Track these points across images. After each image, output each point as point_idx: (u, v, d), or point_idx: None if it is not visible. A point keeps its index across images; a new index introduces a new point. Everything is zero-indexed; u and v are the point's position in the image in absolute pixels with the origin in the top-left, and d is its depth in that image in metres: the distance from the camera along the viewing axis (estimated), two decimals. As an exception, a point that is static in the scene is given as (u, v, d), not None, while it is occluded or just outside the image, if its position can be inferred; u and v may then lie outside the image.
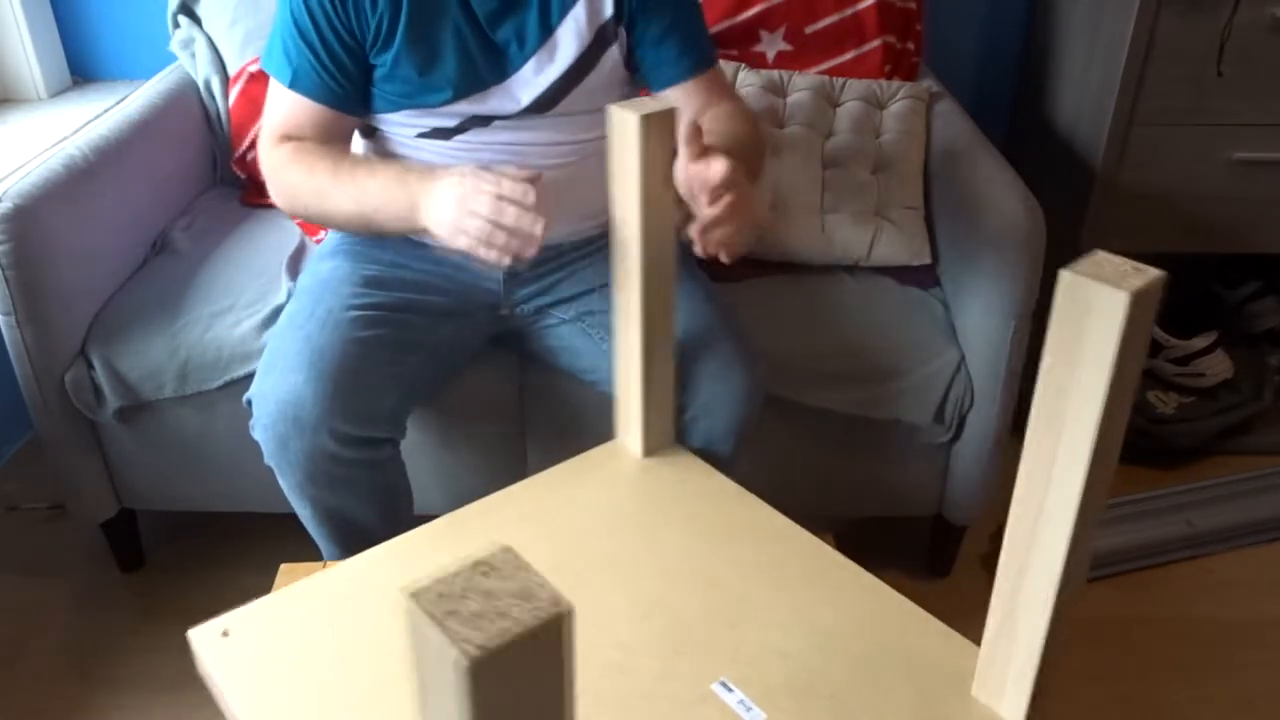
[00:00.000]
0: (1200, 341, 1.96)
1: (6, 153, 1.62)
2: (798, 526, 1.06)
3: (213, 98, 1.85)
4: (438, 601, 0.46)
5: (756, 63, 1.82)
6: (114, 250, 1.58)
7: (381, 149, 1.34)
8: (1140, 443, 1.90)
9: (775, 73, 1.78)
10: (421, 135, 1.29)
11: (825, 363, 1.47)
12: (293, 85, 1.23)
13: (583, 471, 1.16)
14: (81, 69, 2.05)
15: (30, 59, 1.92)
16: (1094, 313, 0.66)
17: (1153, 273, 0.66)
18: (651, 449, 1.18)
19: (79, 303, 1.49)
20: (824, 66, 1.82)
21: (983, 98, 2.14)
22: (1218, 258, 2.10)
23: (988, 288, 1.43)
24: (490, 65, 1.25)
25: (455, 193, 1.08)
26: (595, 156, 1.33)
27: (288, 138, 1.25)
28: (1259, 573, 1.72)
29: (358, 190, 1.19)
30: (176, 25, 1.87)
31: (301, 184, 1.23)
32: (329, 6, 1.20)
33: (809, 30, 1.81)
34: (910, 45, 1.86)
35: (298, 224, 1.73)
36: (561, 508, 1.10)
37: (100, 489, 1.58)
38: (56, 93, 1.97)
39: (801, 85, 1.77)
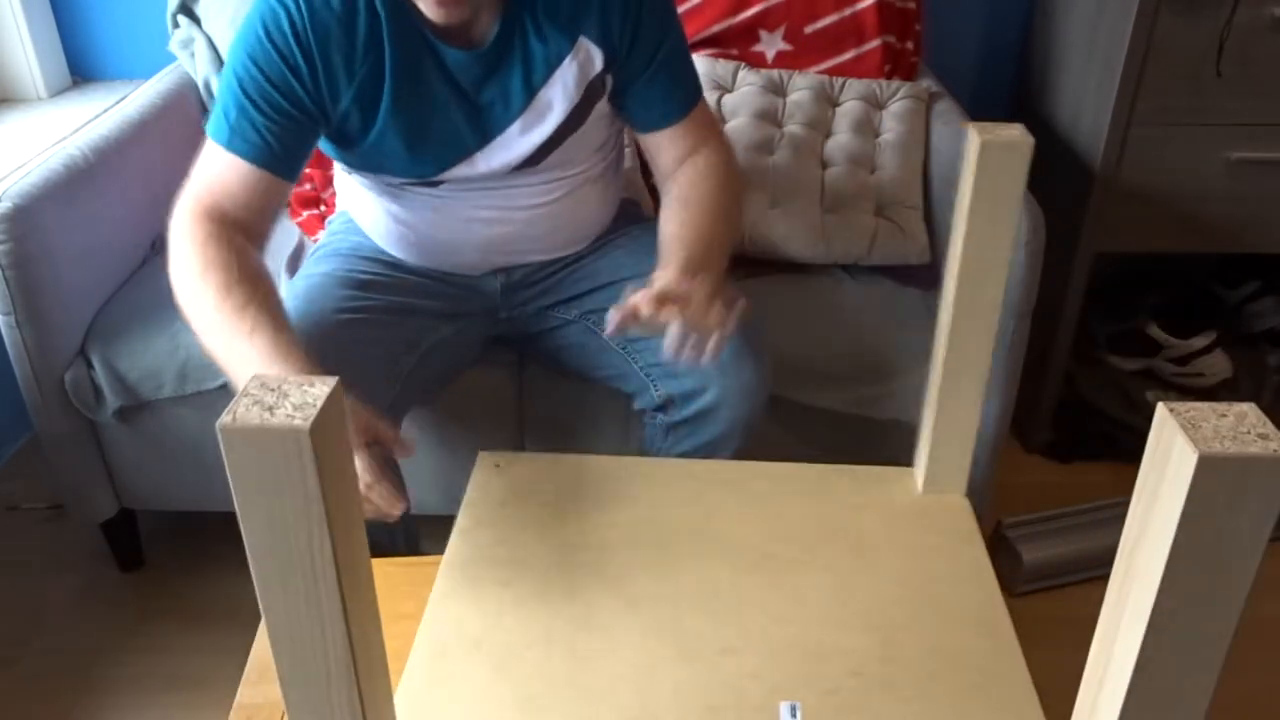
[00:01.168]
0: (1200, 341, 1.96)
1: (6, 153, 1.62)
2: (1013, 640, 0.95)
3: (212, 97, 1.85)
4: (259, 388, 0.57)
5: (756, 62, 1.82)
6: (114, 250, 1.58)
7: (367, 186, 1.30)
8: (1140, 443, 1.90)
9: (775, 72, 1.79)
10: (407, 184, 1.26)
11: (825, 363, 1.47)
12: (230, 145, 1.11)
13: (846, 482, 1.13)
14: (81, 69, 2.05)
15: (30, 59, 1.92)
16: (1170, 465, 0.55)
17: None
18: (931, 487, 1.11)
19: (79, 303, 1.49)
20: (823, 66, 1.82)
21: (982, 98, 2.14)
22: (1217, 257, 2.10)
23: (987, 288, 1.43)
24: (475, 131, 1.19)
25: None
26: (585, 185, 1.31)
27: (214, 208, 1.11)
28: (1259, 573, 1.72)
29: (227, 338, 1.04)
30: (176, 25, 1.87)
31: (189, 281, 1.08)
32: (284, 68, 1.10)
33: (808, 30, 1.81)
34: (910, 45, 1.86)
35: (296, 223, 1.73)
36: (792, 504, 1.09)
37: (100, 489, 1.58)
38: (56, 93, 1.97)
39: (801, 85, 1.77)
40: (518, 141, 1.20)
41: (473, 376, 1.45)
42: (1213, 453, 0.52)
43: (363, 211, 1.36)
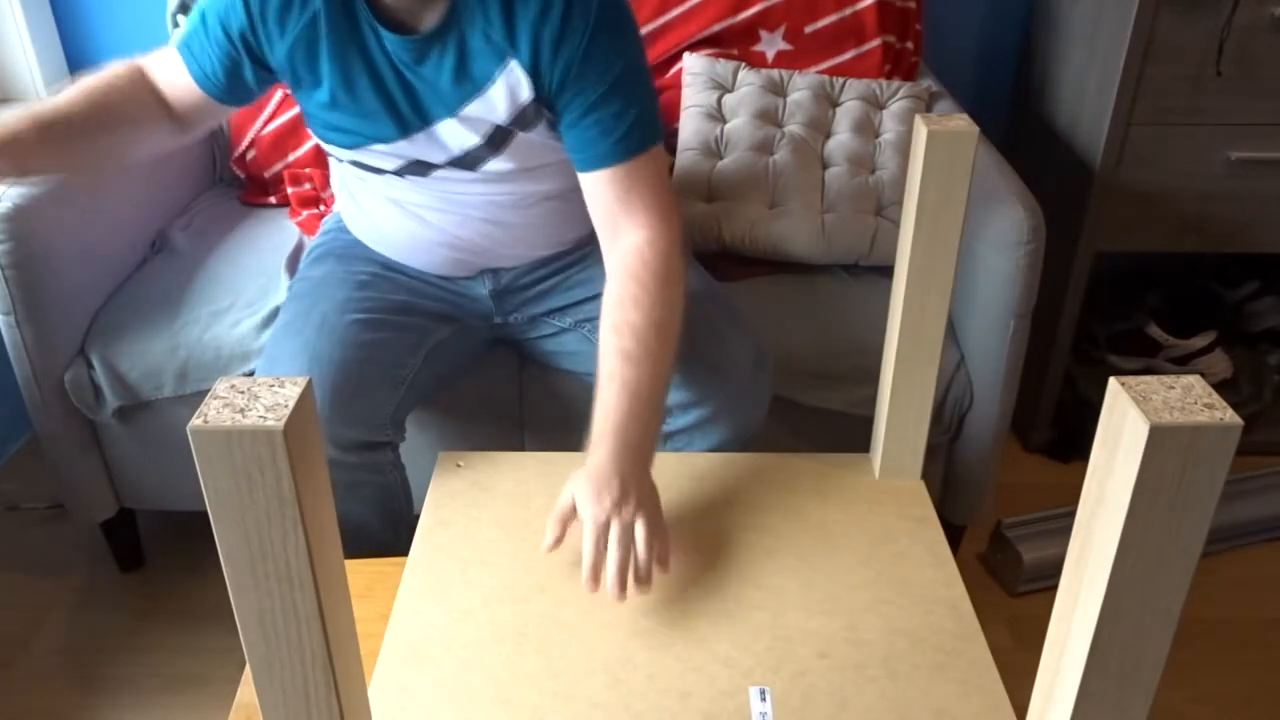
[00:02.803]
0: (1199, 341, 1.96)
1: (6, 152, 1.62)
2: (972, 618, 0.98)
3: (212, 97, 1.85)
4: (229, 390, 0.58)
5: (756, 62, 1.82)
6: (113, 250, 1.58)
7: (344, 180, 1.32)
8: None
9: (775, 72, 1.79)
10: (363, 168, 1.25)
11: (825, 363, 1.47)
12: (180, 49, 1.22)
13: (806, 469, 1.17)
14: (80, 66, 2.05)
15: (29, 56, 1.92)
16: (1123, 437, 0.57)
17: (1228, 418, 0.55)
18: (888, 472, 1.15)
19: (79, 303, 1.49)
20: (823, 66, 1.82)
21: (982, 98, 2.14)
22: (1217, 257, 2.10)
23: (988, 288, 1.43)
24: (409, 112, 1.17)
25: None
26: (551, 201, 1.28)
27: (144, 74, 1.24)
28: (1259, 573, 1.72)
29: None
30: (176, 25, 1.87)
31: None
32: (230, 4, 1.16)
33: (808, 30, 1.81)
34: (909, 45, 1.86)
35: (296, 223, 1.73)
36: (754, 492, 1.13)
37: (100, 489, 1.58)
38: (55, 91, 1.97)
39: (801, 85, 1.77)
40: (449, 138, 1.18)
41: (473, 377, 1.44)
42: (1163, 423, 0.55)
43: (345, 208, 1.37)
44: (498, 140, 1.17)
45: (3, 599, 1.66)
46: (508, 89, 1.12)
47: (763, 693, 0.88)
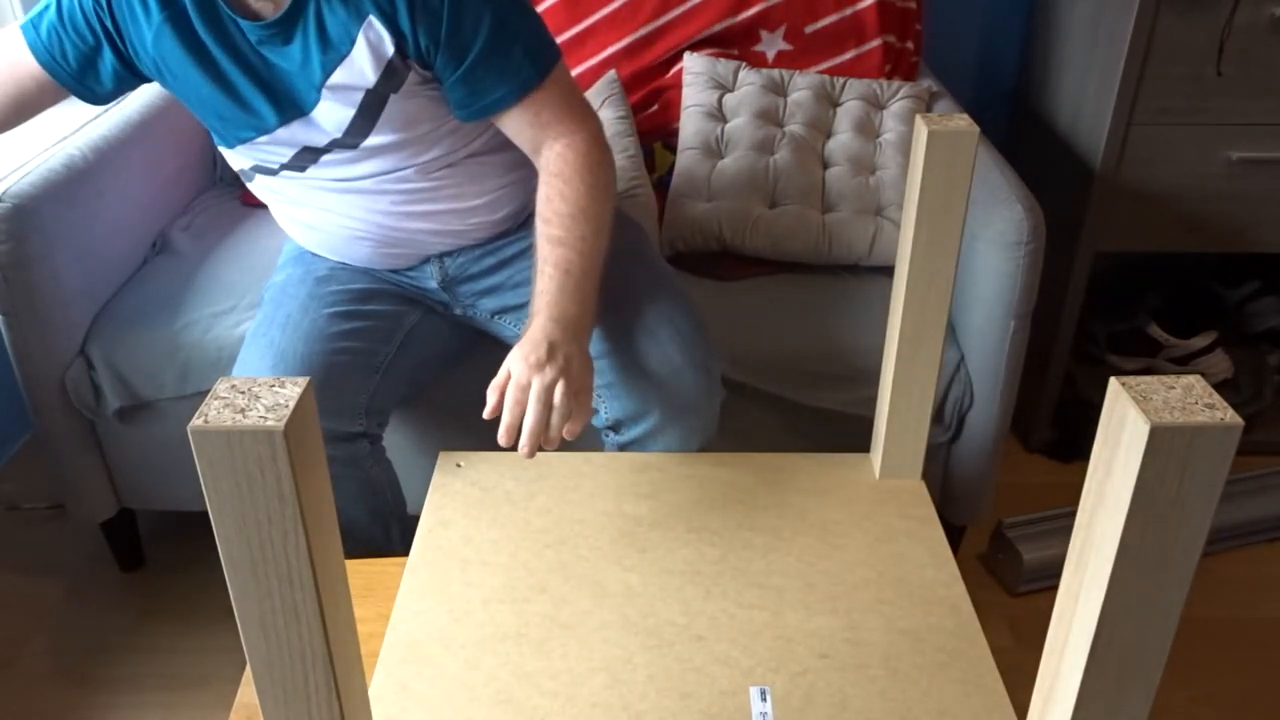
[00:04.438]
0: (1200, 341, 1.96)
1: (6, 153, 1.62)
2: (973, 618, 0.98)
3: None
4: (229, 390, 0.58)
5: (756, 62, 1.82)
6: (114, 250, 1.58)
7: (259, 190, 1.33)
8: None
9: (775, 72, 1.79)
10: (262, 172, 1.27)
11: (825, 363, 1.47)
12: (25, 26, 1.21)
13: (806, 469, 1.17)
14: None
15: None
16: (1124, 437, 0.57)
17: (1228, 418, 0.55)
18: (888, 472, 1.15)
19: (79, 303, 1.49)
20: (824, 66, 1.82)
21: (983, 98, 2.14)
22: (1217, 257, 2.10)
23: (988, 288, 1.43)
24: (282, 98, 1.18)
25: None
26: (449, 171, 1.26)
27: None
28: (1259, 572, 1.72)
29: None
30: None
31: None
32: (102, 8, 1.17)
33: (809, 30, 1.81)
34: (910, 45, 1.86)
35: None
36: (754, 492, 1.13)
37: (100, 488, 1.58)
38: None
39: (801, 85, 1.77)
40: (324, 118, 1.18)
41: (470, 376, 1.44)
42: (1163, 423, 0.55)
43: (277, 220, 1.39)
44: (372, 109, 1.18)
45: (3, 599, 1.66)
46: (369, 47, 1.13)
47: (763, 693, 0.88)
